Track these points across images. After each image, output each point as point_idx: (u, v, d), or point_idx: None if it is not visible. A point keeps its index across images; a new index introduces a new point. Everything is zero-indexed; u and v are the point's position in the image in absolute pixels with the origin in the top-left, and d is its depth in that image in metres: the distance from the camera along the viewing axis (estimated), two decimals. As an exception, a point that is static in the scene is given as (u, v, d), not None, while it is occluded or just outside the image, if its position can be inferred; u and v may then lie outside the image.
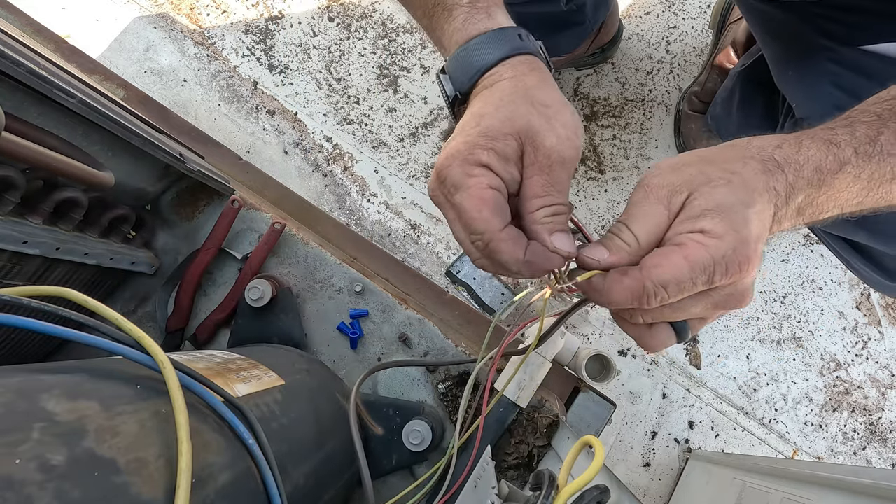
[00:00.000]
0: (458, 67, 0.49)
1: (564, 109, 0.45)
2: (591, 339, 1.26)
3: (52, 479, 0.29)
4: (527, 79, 0.46)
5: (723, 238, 0.38)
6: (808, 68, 0.70)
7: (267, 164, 1.36)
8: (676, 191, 0.41)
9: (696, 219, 0.39)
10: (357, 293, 0.85)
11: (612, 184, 1.33)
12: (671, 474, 1.22)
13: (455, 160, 0.43)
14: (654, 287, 0.39)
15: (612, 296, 0.41)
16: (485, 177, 0.42)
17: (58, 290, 0.41)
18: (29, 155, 0.55)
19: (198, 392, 0.44)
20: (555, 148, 0.42)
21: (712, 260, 0.38)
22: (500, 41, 0.48)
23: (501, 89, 0.46)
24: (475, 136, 0.43)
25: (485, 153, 0.42)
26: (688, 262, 0.38)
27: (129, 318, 0.42)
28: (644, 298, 0.39)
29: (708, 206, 0.39)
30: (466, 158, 0.42)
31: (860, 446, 1.24)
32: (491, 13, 0.49)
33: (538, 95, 0.44)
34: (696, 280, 0.38)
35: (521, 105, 0.44)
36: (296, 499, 0.54)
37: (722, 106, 1.07)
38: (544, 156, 0.42)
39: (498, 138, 0.42)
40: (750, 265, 0.39)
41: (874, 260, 0.78)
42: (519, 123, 0.43)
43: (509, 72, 0.47)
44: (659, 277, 0.38)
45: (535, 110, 0.43)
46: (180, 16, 1.45)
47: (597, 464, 0.40)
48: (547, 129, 0.43)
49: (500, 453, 0.76)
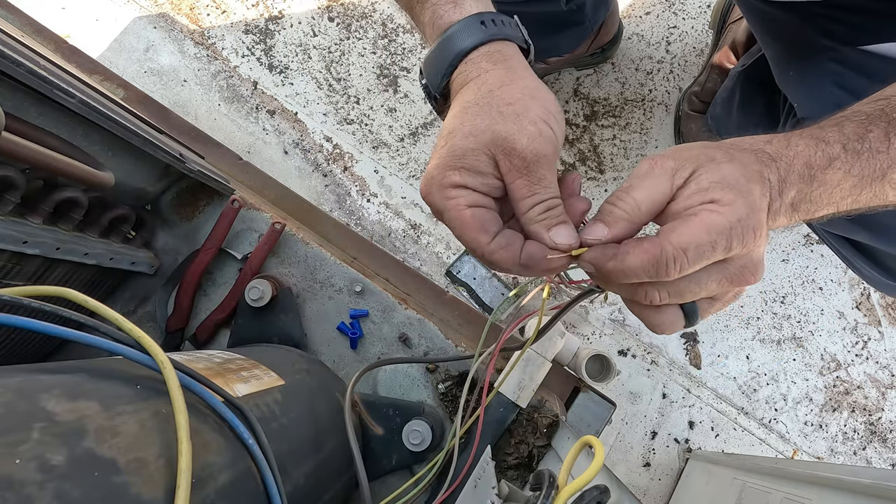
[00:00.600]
0: (430, 71, 0.49)
1: (532, 102, 0.44)
2: (591, 339, 1.26)
3: (52, 479, 0.29)
4: (490, 77, 0.45)
5: (734, 204, 0.39)
6: (809, 68, 0.70)
7: (267, 164, 1.36)
8: (681, 166, 0.41)
9: (706, 191, 0.40)
10: (357, 293, 0.85)
11: (612, 184, 1.33)
12: (671, 474, 1.22)
13: (432, 186, 0.44)
14: (675, 251, 0.38)
15: (629, 261, 0.39)
16: (461, 197, 0.43)
17: (58, 290, 0.41)
18: (29, 155, 0.55)
19: (198, 392, 0.44)
20: (527, 148, 0.42)
21: (729, 224, 0.38)
22: (463, 35, 0.47)
23: (465, 97, 0.45)
24: (445, 157, 0.43)
25: (456, 174, 0.43)
26: (706, 226, 0.38)
27: (129, 318, 0.42)
28: (663, 265, 0.38)
29: (715, 179, 0.40)
30: (441, 183, 0.43)
31: (860, 446, 1.24)
32: (458, 1, 0.48)
33: (502, 95, 0.44)
34: (717, 245, 0.38)
35: (484, 115, 0.43)
36: (296, 499, 0.54)
37: (722, 106, 1.07)
38: (518, 159, 0.42)
39: (465, 156, 0.43)
40: (762, 231, 0.39)
41: (876, 259, 0.78)
42: (484, 136, 0.42)
43: (474, 70, 0.46)
44: (679, 241, 0.38)
45: (500, 115, 0.43)
46: (180, 16, 1.45)
47: (597, 464, 0.40)
48: (515, 132, 0.42)
49: (500, 453, 0.76)
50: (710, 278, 0.40)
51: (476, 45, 0.46)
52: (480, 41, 0.47)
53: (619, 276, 0.41)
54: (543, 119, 0.43)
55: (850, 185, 0.43)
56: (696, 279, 0.40)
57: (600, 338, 1.26)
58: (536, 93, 0.45)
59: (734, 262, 0.40)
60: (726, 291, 0.42)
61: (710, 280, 0.40)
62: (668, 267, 0.38)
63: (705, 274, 0.40)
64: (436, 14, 0.48)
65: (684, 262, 0.38)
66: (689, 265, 0.38)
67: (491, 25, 0.47)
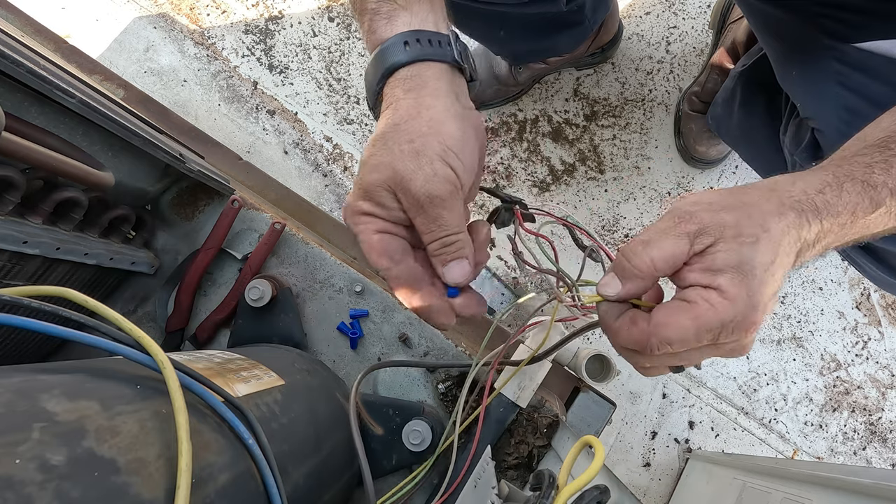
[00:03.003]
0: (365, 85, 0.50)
1: (432, 139, 0.44)
2: (591, 340, 1.26)
3: (52, 479, 0.29)
4: (400, 107, 0.45)
5: (735, 302, 0.38)
6: (812, 68, 0.70)
7: (267, 164, 1.36)
8: (705, 232, 0.40)
9: (715, 274, 0.39)
10: (357, 293, 0.85)
11: (612, 184, 1.33)
12: (671, 474, 1.22)
13: (346, 212, 0.47)
14: (659, 343, 0.40)
15: (619, 340, 0.43)
16: (370, 223, 0.46)
17: (58, 290, 0.41)
18: (29, 155, 0.55)
19: (198, 392, 0.44)
20: (420, 190, 0.43)
21: (720, 322, 0.38)
22: (388, 54, 0.46)
23: (379, 127, 0.46)
24: (357, 186, 0.46)
25: (365, 203, 0.46)
26: (695, 323, 0.39)
27: (129, 318, 0.42)
28: (648, 349, 0.41)
29: (731, 263, 0.39)
30: (353, 210, 0.46)
31: (860, 446, 1.24)
32: (391, 16, 0.47)
33: (406, 129, 0.44)
34: (701, 339, 0.39)
35: (386, 151, 0.44)
36: (296, 499, 0.54)
37: (722, 106, 1.07)
38: (413, 199, 0.44)
39: (371, 191, 0.45)
40: (756, 327, 0.40)
41: (880, 257, 0.78)
42: (385, 174, 0.44)
43: (390, 96, 0.47)
44: (664, 335, 0.39)
45: (401, 152, 0.43)
46: (180, 16, 1.45)
47: (597, 464, 0.40)
48: (412, 171, 0.43)
49: (500, 453, 0.76)
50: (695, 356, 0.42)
51: (397, 68, 0.46)
52: (401, 62, 0.46)
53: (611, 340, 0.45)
54: (441, 157, 0.44)
55: (885, 221, 0.43)
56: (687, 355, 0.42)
57: (600, 338, 1.26)
58: (440, 126, 0.44)
59: (722, 347, 0.41)
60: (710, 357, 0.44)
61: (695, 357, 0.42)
62: (653, 351, 0.41)
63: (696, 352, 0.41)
64: (371, 28, 0.48)
65: (668, 350, 0.40)
66: (673, 352, 0.41)
67: (415, 46, 0.46)
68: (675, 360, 0.43)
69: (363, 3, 0.48)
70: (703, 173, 1.33)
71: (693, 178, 1.32)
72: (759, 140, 0.95)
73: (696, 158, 1.29)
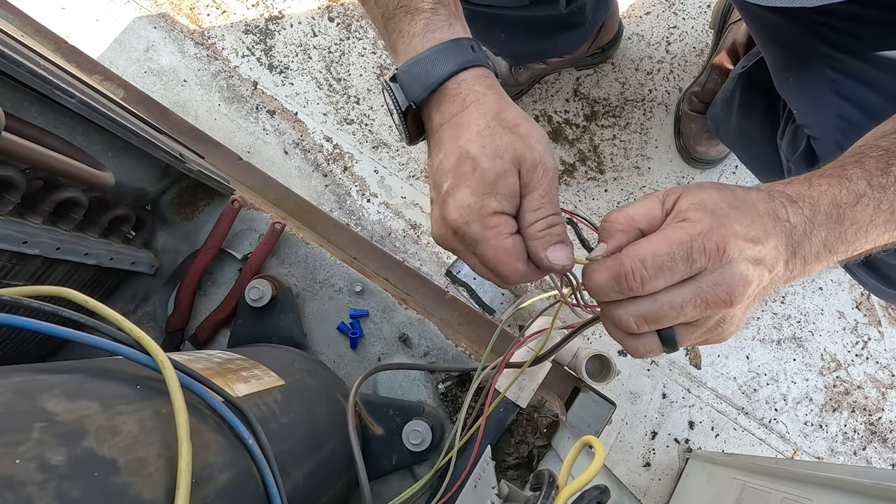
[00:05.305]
0: (412, 78, 0.49)
1: (530, 124, 0.46)
2: (591, 340, 1.26)
3: (52, 479, 0.29)
4: (488, 101, 0.47)
5: (700, 221, 0.39)
6: (808, 76, 0.70)
7: (267, 164, 1.36)
8: (671, 193, 0.43)
9: (683, 212, 0.41)
10: (357, 293, 0.85)
11: (612, 184, 1.33)
12: (671, 474, 1.22)
13: (471, 216, 0.44)
14: (632, 263, 0.39)
15: (595, 278, 0.41)
16: (503, 225, 0.44)
17: (58, 290, 0.41)
18: (29, 155, 0.55)
19: (198, 392, 0.44)
20: (539, 163, 0.44)
21: (689, 236, 0.38)
22: (454, 52, 0.48)
23: (473, 119, 0.46)
24: (478, 184, 0.44)
25: (495, 201, 0.44)
26: (666, 238, 0.39)
27: (129, 318, 0.42)
28: (623, 278, 0.39)
29: (694, 202, 0.41)
30: (480, 213, 0.43)
31: (860, 446, 1.24)
32: (451, 22, 0.50)
33: (506, 118, 0.46)
34: (675, 256, 0.38)
35: (501, 135, 0.45)
36: (296, 499, 0.54)
37: (722, 107, 1.07)
38: (542, 169, 0.45)
39: (498, 180, 0.44)
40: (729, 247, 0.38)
41: (875, 268, 0.77)
42: (508, 156, 0.44)
43: (470, 93, 0.47)
44: (637, 253, 0.39)
45: (514, 135, 0.45)
46: (180, 16, 1.45)
47: (597, 464, 0.40)
48: (527, 149, 0.44)
49: (500, 453, 0.76)
50: (683, 298, 0.39)
51: (466, 66, 0.48)
52: (470, 63, 0.48)
53: (593, 295, 0.43)
54: (544, 139, 0.46)
55: (883, 219, 0.43)
56: (669, 300, 0.40)
57: (600, 338, 1.26)
58: (528, 118, 0.47)
59: (704, 278, 0.39)
60: (706, 316, 0.41)
61: (684, 301, 0.39)
62: (629, 279, 0.39)
63: (676, 293, 0.39)
64: (429, 27, 0.49)
65: (644, 273, 0.39)
66: (650, 277, 0.39)
67: (479, 51, 0.49)
68: (663, 310, 0.40)
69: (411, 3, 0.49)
70: (702, 173, 1.33)
71: (693, 178, 1.32)
72: (757, 142, 0.95)
73: (696, 158, 1.29)
